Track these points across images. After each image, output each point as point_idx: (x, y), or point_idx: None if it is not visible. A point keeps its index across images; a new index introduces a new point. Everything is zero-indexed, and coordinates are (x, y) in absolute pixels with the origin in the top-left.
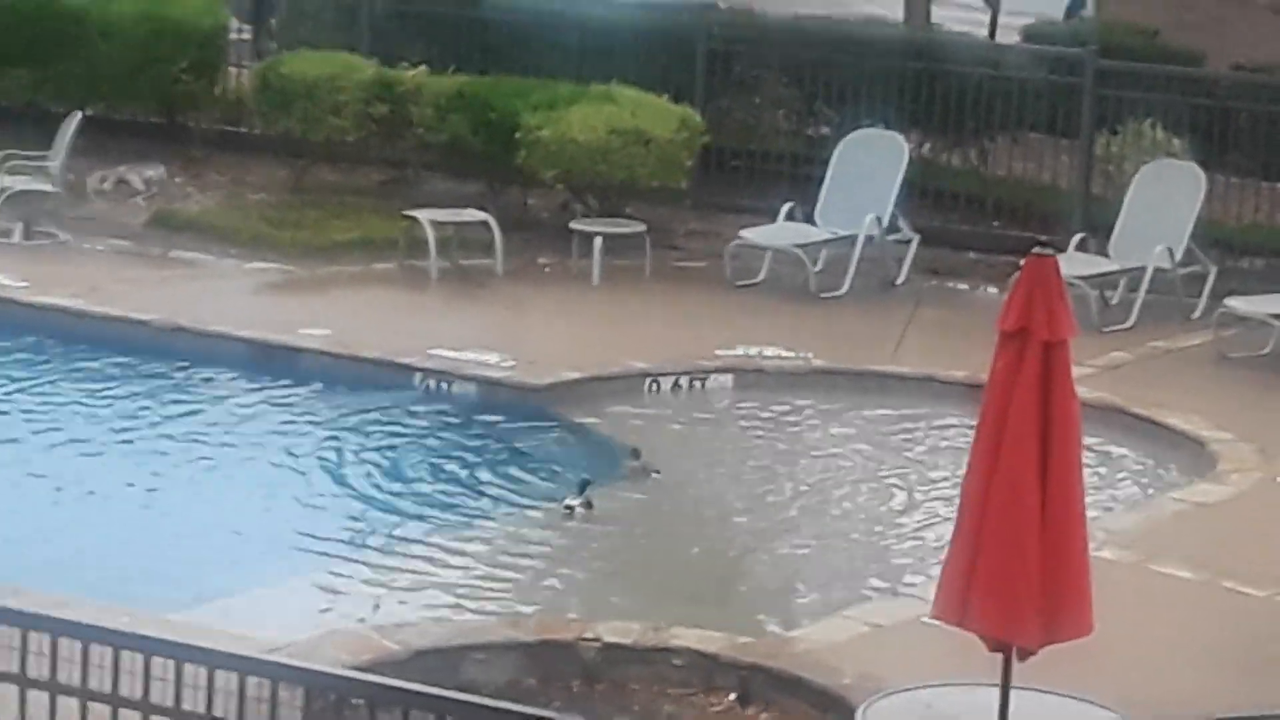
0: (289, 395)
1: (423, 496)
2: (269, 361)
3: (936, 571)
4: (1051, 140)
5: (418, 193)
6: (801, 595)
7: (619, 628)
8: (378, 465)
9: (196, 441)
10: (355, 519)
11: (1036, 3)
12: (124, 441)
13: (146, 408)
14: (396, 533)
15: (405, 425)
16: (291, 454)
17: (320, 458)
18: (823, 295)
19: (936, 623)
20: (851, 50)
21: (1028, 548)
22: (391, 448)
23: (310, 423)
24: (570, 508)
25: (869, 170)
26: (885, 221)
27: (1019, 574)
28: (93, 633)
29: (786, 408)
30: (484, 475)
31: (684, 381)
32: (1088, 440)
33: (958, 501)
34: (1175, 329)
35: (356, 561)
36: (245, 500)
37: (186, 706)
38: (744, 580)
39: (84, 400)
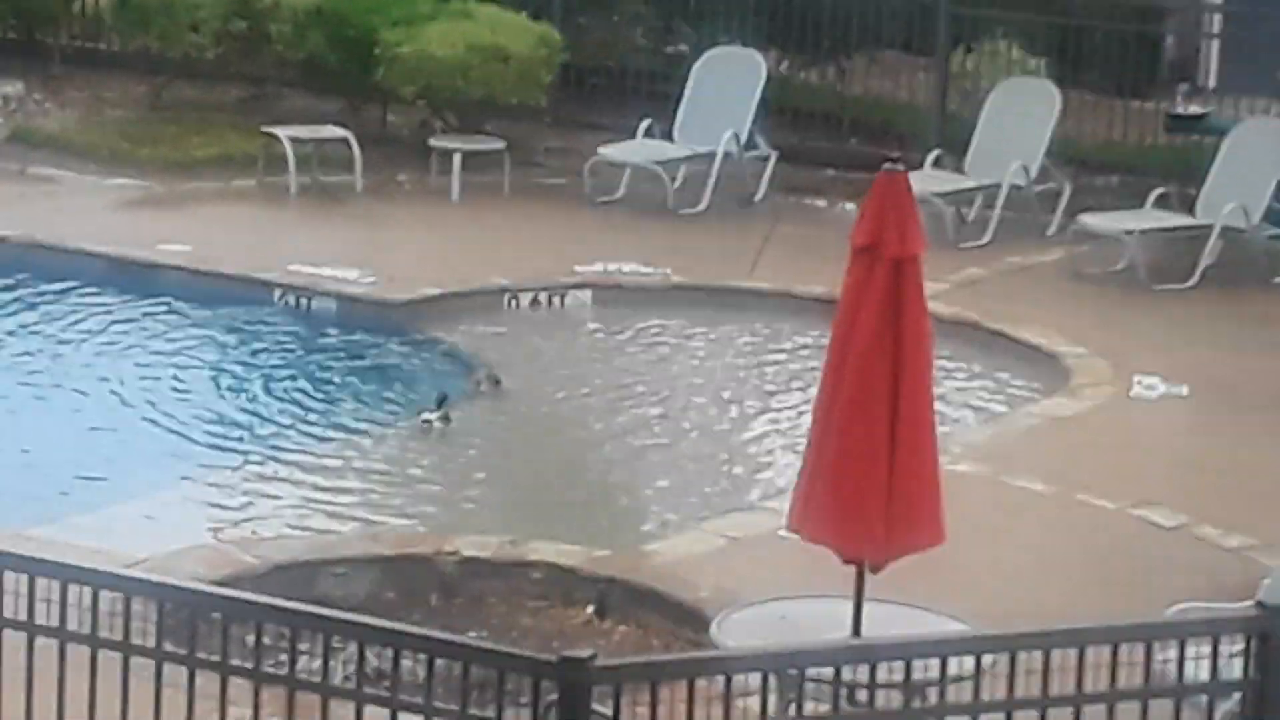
0: (148, 311)
1: (281, 412)
2: (128, 278)
3: (791, 486)
4: (908, 58)
5: (277, 109)
6: (658, 509)
7: (477, 542)
8: (237, 381)
9: (55, 358)
10: (213, 435)
11: None
12: None
13: (3, 324)
14: (255, 448)
15: (264, 341)
16: (150, 370)
17: (179, 374)
18: (681, 212)
19: (792, 536)
20: None
21: (871, 462)
22: (251, 364)
23: (169, 339)
24: (428, 422)
25: (727, 87)
26: (743, 138)
27: (861, 489)
28: None
29: (645, 324)
30: (343, 391)
31: (543, 298)
32: (943, 355)
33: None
34: (1030, 245)
35: (214, 477)
36: (103, 416)
37: (40, 621)
38: (601, 495)
39: None
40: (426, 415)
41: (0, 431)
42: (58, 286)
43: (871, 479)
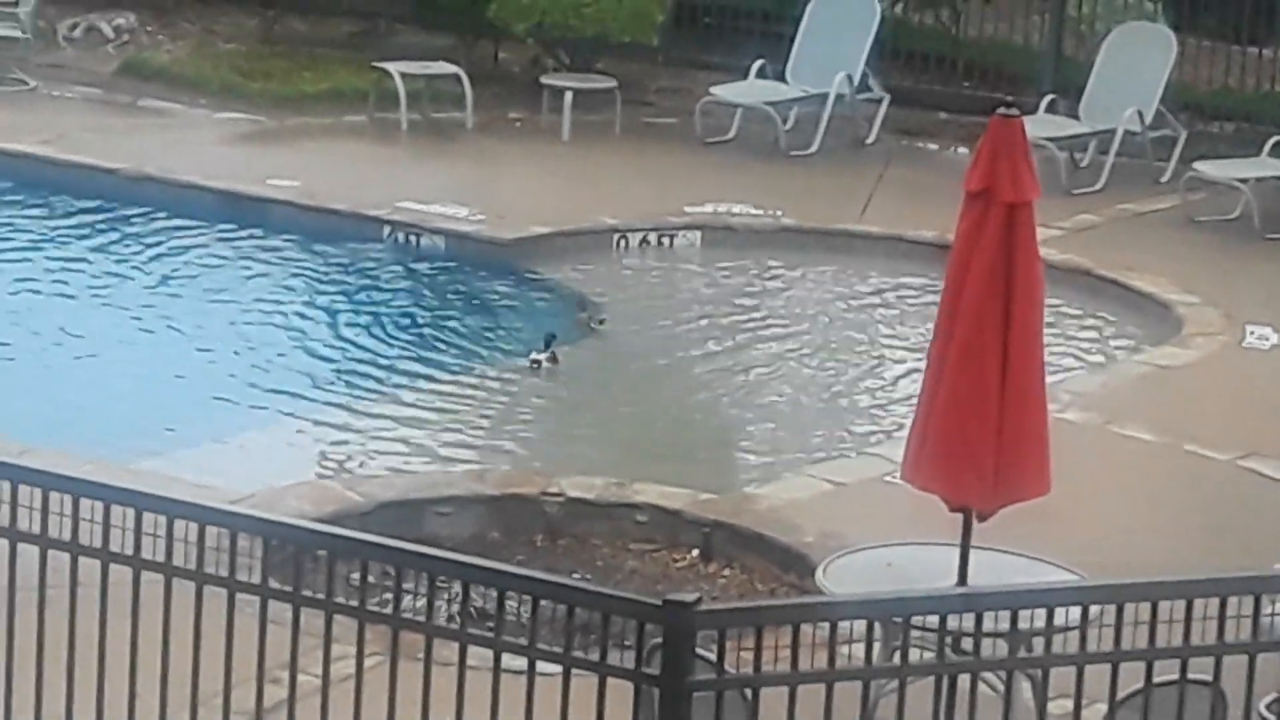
0: (257, 246)
1: (389, 350)
2: (237, 212)
3: (900, 431)
4: (1023, 1)
5: (388, 45)
6: (765, 453)
7: (582, 483)
8: (346, 318)
9: (164, 292)
10: (322, 372)
11: None
12: (91, 291)
13: (114, 257)
14: (363, 385)
15: (373, 278)
16: (259, 306)
17: (288, 310)
18: (793, 153)
19: (899, 482)
20: None
21: (982, 409)
22: (359, 301)
23: (278, 274)
24: (536, 362)
25: (841, 29)
26: (856, 80)
27: (970, 436)
28: (52, 480)
29: (754, 265)
30: (451, 329)
31: (652, 238)
32: (1054, 302)
33: (924, 362)
34: (1144, 192)
35: (322, 414)
36: (211, 351)
37: (145, 555)
38: (708, 438)
39: (50, 249)
40: (534, 355)
41: (108, 365)
42: (167, 220)
43: (981, 426)
